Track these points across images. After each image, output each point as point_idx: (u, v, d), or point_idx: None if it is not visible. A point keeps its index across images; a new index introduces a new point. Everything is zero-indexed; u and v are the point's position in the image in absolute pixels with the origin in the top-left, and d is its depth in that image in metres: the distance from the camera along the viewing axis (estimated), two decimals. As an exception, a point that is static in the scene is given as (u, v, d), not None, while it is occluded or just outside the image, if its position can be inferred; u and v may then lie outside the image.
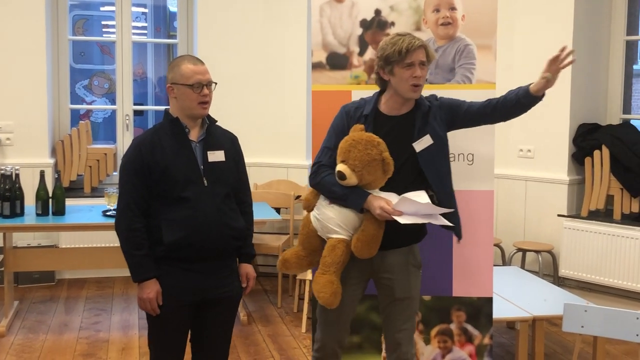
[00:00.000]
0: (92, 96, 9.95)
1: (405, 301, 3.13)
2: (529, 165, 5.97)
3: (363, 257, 2.97)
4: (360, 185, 2.97)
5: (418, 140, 3.05)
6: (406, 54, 2.96)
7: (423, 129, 3.07)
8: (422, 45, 2.99)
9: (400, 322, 3.13)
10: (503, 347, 4.77)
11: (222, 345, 3.12)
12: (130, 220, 2.88)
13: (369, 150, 2.92)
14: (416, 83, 3.00)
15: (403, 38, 2.99)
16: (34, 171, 5.50)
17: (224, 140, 3.06)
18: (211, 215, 2.89)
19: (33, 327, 5.06)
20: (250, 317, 5.32)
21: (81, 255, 5.56)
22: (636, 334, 3.07)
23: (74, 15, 9.73)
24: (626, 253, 5.31)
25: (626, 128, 5.63)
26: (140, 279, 2.90)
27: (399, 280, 3.11)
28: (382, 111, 3.11)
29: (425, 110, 3.10)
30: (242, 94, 6.51)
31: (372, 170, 2.94)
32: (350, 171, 2.94)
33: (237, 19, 6.55)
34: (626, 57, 5.89)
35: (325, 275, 2.98)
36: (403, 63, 2.97)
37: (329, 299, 2.96)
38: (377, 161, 2.93)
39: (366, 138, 2.96)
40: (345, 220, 2.99)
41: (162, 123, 3.00)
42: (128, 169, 2.91)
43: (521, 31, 5.95)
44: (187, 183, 2.89)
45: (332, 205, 3.02)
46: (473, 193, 3.65)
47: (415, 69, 2.98)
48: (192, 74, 2.90)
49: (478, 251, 3.68)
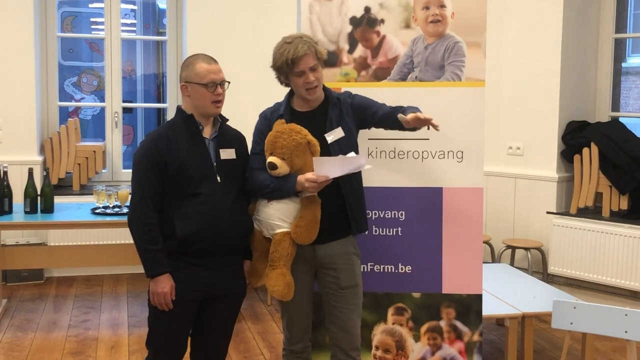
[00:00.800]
0: (81, 93, 9.91)
1: (352, 289, 3.17)
2: (519, 162, 5.99)
3: (305, 242, 3.03)
4: (292, 172, 3.02)
5: (330, 131, 3.13)
6: (292, 64, 3.03)
7: (336, 121, 3.16)
8: (306, 53, 3.03)
9: (348, 310, 3.17)
10: (492, 344, 4.78)
11: (223, 341, 3.15)
12: (145, 215, 2.89)
13: (294, 136, 3.01)
14: (310, 87, 3.08)
15: (288, 47, 3.04)
16: (22, 169, 5.48)
17: (234, 139, 3.11)
18: (223, 212, 2.93)
19: (22, 325, 5.04)
20: (240, 314, 5.30)
21: (70, 253, 5.54)
22: (624, 330, 3.09)
23: (62, 12, 9.68)
24: (615, 250, 5.33)
25: (615, 126, 5.65)
26: (154, 273, 2.90)
27: (343, 270, 3.16)
28: (295, 109, 3.20)
29: (335, 101, 3.18)
30: (232, 91, 6.46)
31: (300, 154, 3.01)
32: (280, 160, 3.00)
33: (227, 16, 6.53)
34: (615, 55, 5.91)
35: (275, 269, 3.01)
36: (293, 72, 3.06)
37: (283, 291, 3.00)
38: (303, 144, 3.01)
39: (289, 127, 3.06)
40: (285, 213, 3.04)
41: (175, 119, 3.03)
42: (144, 163, 2.92)
43: (510, 29, 5.97)
44: (202, 179, 2.92)
45: (270, 202, 3.05)
46: (462, 190, 3.66)
47: (306, 76, 3.05)
48: (206, 73, 2.94)
49: (467, 248, 3.68)
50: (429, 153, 3.65)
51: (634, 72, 15.16)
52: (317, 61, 3.07)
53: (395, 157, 3.67)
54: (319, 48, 3.10)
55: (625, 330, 3.09)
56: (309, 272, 3.20)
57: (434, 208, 3.67)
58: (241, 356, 4.54)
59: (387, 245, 3.68)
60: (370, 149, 3.65)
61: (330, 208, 3.08)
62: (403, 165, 3.66)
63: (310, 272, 3.20)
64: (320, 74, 3.11)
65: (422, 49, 3.64)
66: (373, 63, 3.69)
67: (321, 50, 3.10)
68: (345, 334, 3.18)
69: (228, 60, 6.45)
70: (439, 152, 3.65)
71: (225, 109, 3.10)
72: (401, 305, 3.73)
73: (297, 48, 3.02)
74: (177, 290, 2.92)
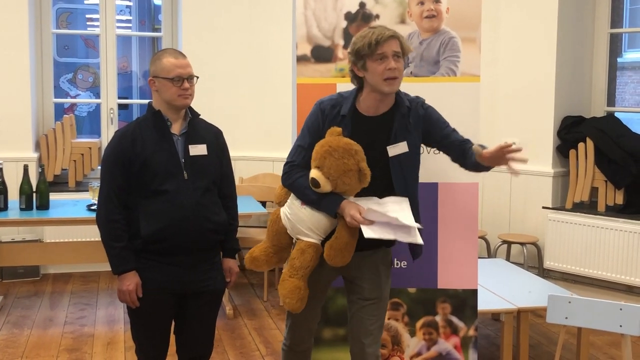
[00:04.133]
0: (76, 90, 9.91)
1: (375, 302, 3.03)
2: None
3: (336, 264, 2.87)
4: (334, 191, 2.86)
5: (394, 144, 2.93)
6: (376, 45, 2.80)
7: (401, 133, 2.94)
8: (393, 36, 2.83)
9: (368, 323, 3.02)
10: (488, 339, 4.79)
11: (206, 338, 3.12)
12: (110, 212, 2.88)
13: (346, 159, 2.79)
14: (390, 76, 2.82)
15: (373, 30, 2.84)
16: (17, 165, 5.46)
17: (207, 134, 3.05)
18: (190, 209, 2.89)
19: (18, 322, 5.04)
20: (236, 310, 5.31)
21: (66, 250, 5.54)
22: (619, 324, 3.10)
23: (57, 9, 9.68)
24: (610, 245, 5.34)
25: (610, 120, 5.67)
26: (119, 271, 2.90)
27: (368, 281, 3.02)
28: (360, 111, 2.95)
29: (405, 111, 2.95)
30: (227, 87, 6.49)
31: (348, 180, 2.82)
32: (325, 179, 2.83)
33: (223, 12, 6.52)
34: (610, 49, 5.92)
35: (292, 279, 2.89)
36: (375, 55, 2.81)
37: (295, 305, 2.89)
38: (354, 172, 2.82)
39: (343, 146, 2.82)
40: (317, 224, 2.91)
41: (145, 116, 3.00)
42: (109, 160, 2.92)
43: (506, 24, 5.97)
44: (167, 176, 2.89)
45: (304, 206, 2.92)
46: (458, 185, 3.66)
47: (388, 61, 2.81)
48: (173, 67, 2.90)
49: (463, 243, 3.69)
50: (424, 149, 3.65)
51: (630, 67, 15.20)
52: (401, 51, 2.85)
53: (391, 152, 3.66)
54: (405, 42, 2.89)
55: (620, 325, 3.09)
56: (329, 276, 3.06)
57: (430, 203, 3.66)
58: (237, 352, 4.54)
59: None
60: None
61: None
62: (398, 160, 3.66)
63: (330, 277, 3.07)
64: (402, 67, 2.86)
65: (417, 44, 3.64)
66: (368, 58, 3.68)
67: (407, 44, 2.89)
68: (360, 346, 3.03)
69: (224, 56, 6.51)
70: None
71: (220, 103, 3.09)
72: (397, 300, 3.74)
73: (383, 31, 2.82)
74: (149, 288, 2.91)
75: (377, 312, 3.05)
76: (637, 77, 15.00)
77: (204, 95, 3.49)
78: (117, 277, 2.92)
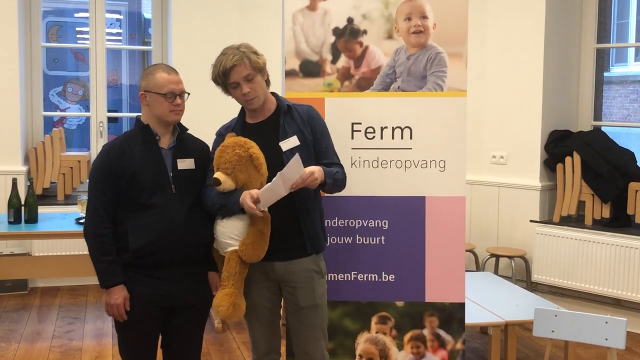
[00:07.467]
0: (66, 103, 9.91)
1: (311, 309, 3.10)
2: (502, 171, 6.03)
3: (251, 260, 2.94)
4: (238, 187, 2.94)
5: (284, 140, 3.05)
6: (225, 76, 2.96)
7: (289, 128, 3.07)
8: (237, 63, 2.93)
9: (307, 331, 3.11)
10: (476, 352, 4.80)
11: (193, 352, 3.12)
12: (98, 226, 2.89)
13: (236, 150, 2.92)
14: (248, 99, 2.99)
15: (221, 59, 2.97)
16: (6, 179, 5.46)
17: (194, 148, 3.07)
18: (178, 223, 2.90)
19: (5, 336, 5.02)
20: (224, 324, 5.31)
21: (54, 263, 5.52)
22: (605, 338, 3.12)
23: (47, 22, 9.69)
24: (597, 258, 5.37)
25: (597, 135, 5.71)
26: (107, 284, 2.90)
27: (302, 289, 3.08)
28: (247, 122, 3.12)
29: (285, 109, 3.09)
30: (216, 101, 6.46)
31: (243, 169, 2.92)
32: (224, 175, 2.92)
33: (212, 26, 6.55)
34: (597, 64, 5.98)
35: (223, 289, 2.96)
36: (228, 85, 2.99)
37: (227, 311, 2.94)
38: (245, 158, 2.92)
39: (233, 141, 2.97)
40: (234, 230, 2.96)
41: (133, 130, 3.01)
42: (97, 174, 2.92)
43: (492, 39, 6.02)
44: (155, 190, 2.90)
45: (222, 220, 2.99)
46: (444, 199, 3.68)
47: (241, 87, 2.97)
48: (165, 83, 2.91)
49: (450, 257, 3.70)
50: (412, 162, 3.68)
51: (617, 81, 15.30)
52: (251, 70, 2.95)
53: (379, 166, 3.69)
54: (254, 57, 2.97)
55: (605, 338, 3.12)
56: (271, 288, 3.12)
57: (417, 217, 3.69)
58: (226, 366, 4.54)
59: (370, 254, 3.69)
60: (353, 158, 3.67)
61: (284, 223, 3.00)
62: (386, 174, 3.68)
63: (272, 287, 3.12)
64: (257, 84, 2.99)
65: (405, 59, 3.67)
66: (356, 73, 3.72)
67: (256, 60, 2.97)
68: (305, 355, 3.14)
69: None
70: (421, 161, 3.68)
71: (209, 118, 3.12)
72: (384, 314, 3.75)
73: (228, 59, 2.94)
74: (137, 302, 2.91)
75: (314, 320, 3.11)
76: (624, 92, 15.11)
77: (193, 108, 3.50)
78: (105, 291, 2.92)
